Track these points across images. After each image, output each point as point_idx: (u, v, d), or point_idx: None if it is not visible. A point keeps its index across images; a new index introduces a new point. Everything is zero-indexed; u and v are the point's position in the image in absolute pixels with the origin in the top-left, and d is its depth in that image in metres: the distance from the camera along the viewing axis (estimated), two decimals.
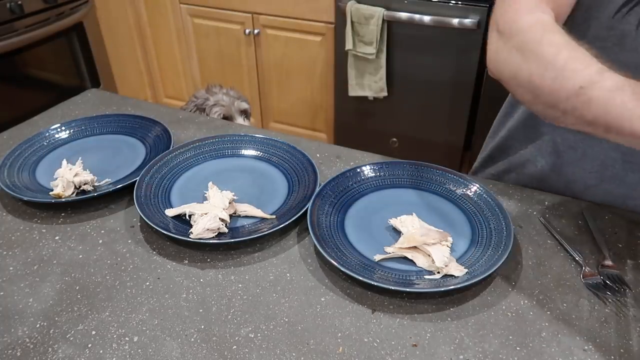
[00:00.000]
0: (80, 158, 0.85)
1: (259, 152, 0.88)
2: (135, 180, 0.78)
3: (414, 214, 0.72)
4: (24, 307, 0.61)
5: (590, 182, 0.79)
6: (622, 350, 0.55)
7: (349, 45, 1.95)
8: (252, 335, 0.57)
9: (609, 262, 0.65)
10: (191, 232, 0.68)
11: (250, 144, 0.89)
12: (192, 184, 0.82)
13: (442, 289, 0.60)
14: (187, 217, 0.73)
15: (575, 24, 0.69)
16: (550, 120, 0.60)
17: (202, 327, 0.58)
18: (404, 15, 1.85)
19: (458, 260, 0.66)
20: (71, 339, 0.57)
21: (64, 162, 0.83)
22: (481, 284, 0.63)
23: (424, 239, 0.66)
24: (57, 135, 0.93)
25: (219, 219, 0.70)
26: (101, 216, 0.76)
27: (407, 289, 0.60)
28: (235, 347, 0.56)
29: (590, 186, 0.79)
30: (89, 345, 0.56)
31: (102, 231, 0.73)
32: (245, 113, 1.54)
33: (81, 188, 0.79)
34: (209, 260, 0.68)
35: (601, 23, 0.67)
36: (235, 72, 2.40)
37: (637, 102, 0.48)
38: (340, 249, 0.67)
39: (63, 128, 0.95)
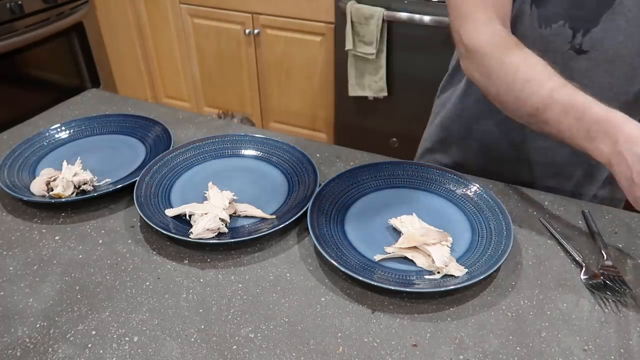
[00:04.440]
0: (79, 158, 0.85)
1: (259, 152, 0.88)
2: (135, 180, 0.78)
3: (414, 214, 0.72)
4: (24, 307, 0.61)
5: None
6: (622, 350, 0.55)
7: (349, 45, 1.95)
8: (252, 335, 0.57)
9: (609, 262, 0.65)
10: (191, 232, 0.68)
11: (250, 144, 0.89)
12: (192, 184, 0.82)
13: (442, 289, 0.60)
14: (187, 217, 0.73)
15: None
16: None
17: (202, 327, 0.58)
18: (404, 15, 1.84)
19: (458, 260, 0.66)
20: (71, 339, 0.57)
21: (64, 163, 0.82)
22: (481, 284, 0.63)
23: (424, 239, 0.66)
24: (57, 135, 0.93)
25: (219, 219, 0.70)
26: (101, 216, 0.76)
27: (407, 289, 0.60)
28: (235, 347, 0.56)
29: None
30: (89, 345, 0.56)
31: (102, 231, 0.73)
32: None
33: (81, 188, 0.79)
34: (209, 260, 0.68)
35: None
36: (235, 72, 2.40)
37: (578, 124, 0.59)
38: (340, 249, 0.67)
39: (63, 128, 0.95)
